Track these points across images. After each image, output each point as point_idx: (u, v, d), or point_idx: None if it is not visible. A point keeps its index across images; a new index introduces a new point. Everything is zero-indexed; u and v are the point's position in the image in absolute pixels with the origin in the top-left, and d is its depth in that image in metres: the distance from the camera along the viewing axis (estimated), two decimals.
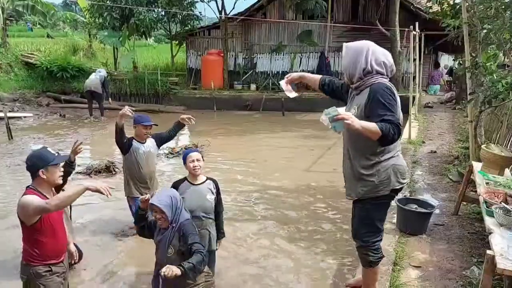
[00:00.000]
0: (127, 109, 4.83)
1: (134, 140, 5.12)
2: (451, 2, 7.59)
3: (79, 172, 7.87)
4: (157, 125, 5.26)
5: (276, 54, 16.72)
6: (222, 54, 16.32)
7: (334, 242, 5.32)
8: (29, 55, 17.51)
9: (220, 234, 3.91)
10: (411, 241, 4.59)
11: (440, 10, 7.85)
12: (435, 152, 8.24)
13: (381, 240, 3.33)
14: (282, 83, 3.56)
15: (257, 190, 7.14)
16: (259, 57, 17.01)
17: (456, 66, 22.30)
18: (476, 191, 5.68)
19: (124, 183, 5.27)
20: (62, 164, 3.14)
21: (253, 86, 16.24)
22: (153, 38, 28.52)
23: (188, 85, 16.67)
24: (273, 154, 9.27)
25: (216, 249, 3.94)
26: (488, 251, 3.01)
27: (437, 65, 17.43)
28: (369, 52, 3.02)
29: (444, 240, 4.63)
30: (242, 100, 15.49)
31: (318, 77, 3.53)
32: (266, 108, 14.98)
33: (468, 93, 6.54)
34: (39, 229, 2.89)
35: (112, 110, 14.28)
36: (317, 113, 3.76)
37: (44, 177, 2.91)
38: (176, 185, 3.71)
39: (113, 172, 7.99)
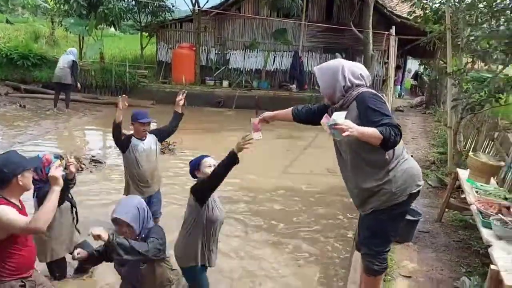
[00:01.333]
0: (120, 102, 4.56)
1: (133, 137, 4.80)
2: (434, 8, 7.60)
3: None
4: (155, 122, 4.93)
5: (249, 51, 16.45)
6: (194, 48, 15.89)
7: (317, 248, 5.15)
8: None
9: None
10: (399, 249, 4.50)
11: (422, 15, 7.85)
12: (412, 156, 8.24)
13: (389, 250, 3.20)
14: (254, 121, 3.39)
15: (233, 191, 6.89)
16: (232, 53, 16.69)
17: (422, 70, 22.91)
18: (456, 198, 5.71)
19: (125, 183, 5.00)
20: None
21: (225, 83, 15.90)
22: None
23: (158, 79, 16.10)
24: (248, 154, 8.93)
25: None
26: (492, 266, 2.92)
27: (397, 67, 17.74)
28: (345, 69, 2.93)
29: (431, 248, 4.57)
30: (214, 96, 15.14)
31: (289, 110, 3.42)
32: (239, 105, 14.70)
33: (449, 99, 6.56)
34: (14, 241, 2.62)
35: (77, 102, 13.69)
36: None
37: (21, 183, 2.66)
38: None
39: (80, 168, 7.52)
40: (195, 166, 3.48)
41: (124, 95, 4.81)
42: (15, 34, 19.43)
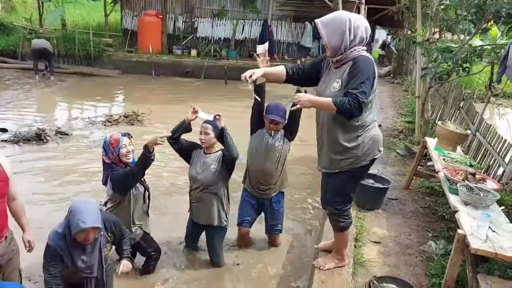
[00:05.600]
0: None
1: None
2: None
3: (5, 140, 7.09)
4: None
5: (218, 19, 16.10)
6: (161, 16, 15.40)
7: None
8: None
9: None
10: (369, 216, 4.60)
11: None
12: (380, 125, 8.35)
13: (350, 207, 3.38)
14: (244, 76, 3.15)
15: None
16: (200, 21, 16.28)
17: (389, 40, 23.10)
18: (423, 165, 5.86)
19: None
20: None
21: (193, 52, 15.56)
22: None
23: (124, 48, 15.60)
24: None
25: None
26: (459, 231, 3.01)
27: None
28: (352, 21, 2.89)
29: (399, 215, 4.70)
30: (182, 66, 14.81)
31: (281, 68, 3.27)
32: (208, 75, 14.46)
33: (419, 68, 6.64)
34: None
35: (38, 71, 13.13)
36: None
37: None
38: None
39: (45, 141, 7.27)
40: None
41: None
42: None
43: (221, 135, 3.69)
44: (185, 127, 3.76)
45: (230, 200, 4.04)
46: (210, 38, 16.23)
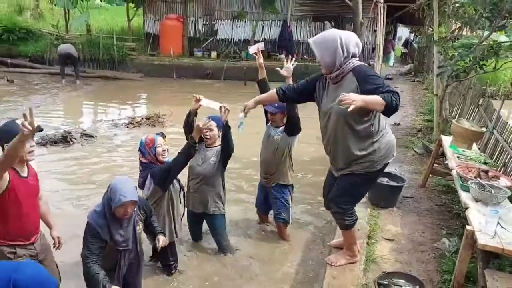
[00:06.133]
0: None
1: None
2: None
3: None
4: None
5: (237, 21, 16.27)
6: (182, 20, 15.68)
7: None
8: None
9: None
10: (383, 214, 4.64)
11: None
12: (398, 124, 8.38)
13: (354, 206, 3.44)
14: (241, 116, 3.58)
15: (234, 162, 6.86)
16: (220, 24, 16.48)
17: (412, 38, 22.81)
18: (440, 164, 5.86)
19: None
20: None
21: (214, 54, 15.77)
22: None
23: (146, 51, 15.94)
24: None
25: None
26: (468, 227, 3.06)
27: (387, 35, 17.63)
28: (342, 38, 3.00)
29: (414, 213, 4.73)
30: (202, 68, 15.04)
31: (272, 92, 3.53)
32: (228, 77, 14.63)
33: (436, 66, 6.62)
34: (3, 203, 2.63)
35: (65, 76, 13.54)
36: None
37: None
38: None
39: (70, 143, 7.56)
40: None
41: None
42: None
43: (224, 129, 3.85)
44: (193, 116, 3.96)
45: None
46: (230, 40, 16.40)
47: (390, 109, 2.76)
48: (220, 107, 3.79)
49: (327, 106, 3.15)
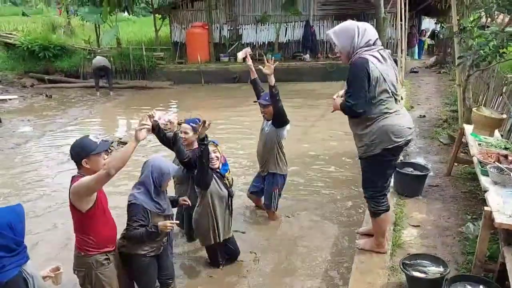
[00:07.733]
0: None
1: None
2: None
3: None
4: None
5: (261, 25, 16.61)
6: (207, 27, 16.14)
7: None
8: (8, 35, 17.07)
9: None
10: (409, 203, 4.81)
11: None
12: (424, 116, 8.46)
13: (381, 195, 3.55)
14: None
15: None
16: (244, 28, 16.88)
17: (438, 29, 22.48)
18: (466, 153, 5.95)
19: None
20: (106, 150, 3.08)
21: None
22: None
23: (174, 60, 16.49)
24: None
25: None
26: (486, 208, 3.22)
27: (411, 28, 17.49)
28: (360, 29, 3.28)
29: (440, 200, 4.87)
30: (229, 72, 15.43)
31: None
32: None
33: (456, 57, 6.70)
34: (93, 215, 2.86)
35: (100, 88, 14.18)
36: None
37: (88, 166, 2.86)
38: None
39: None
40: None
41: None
42: (33, 27, 19.99)
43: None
44: (162, 131, 4.08)
45: None
46: (254, 43, 16.73)
47: (345, 113, 3.35)
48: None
49: None
